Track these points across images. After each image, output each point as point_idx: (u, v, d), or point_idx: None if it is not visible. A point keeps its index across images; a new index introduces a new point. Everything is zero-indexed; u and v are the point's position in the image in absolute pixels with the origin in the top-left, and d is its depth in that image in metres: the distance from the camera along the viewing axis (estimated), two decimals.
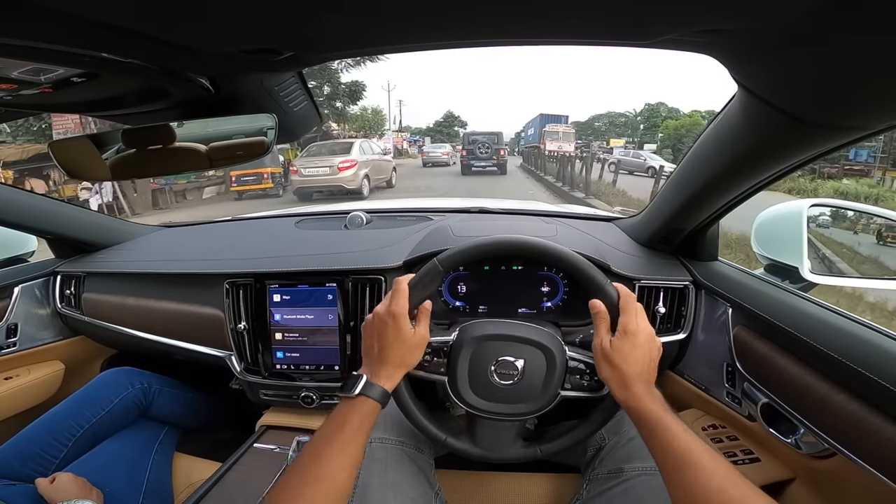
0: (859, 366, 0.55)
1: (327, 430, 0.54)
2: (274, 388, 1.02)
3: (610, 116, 57.63)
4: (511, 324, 0.69)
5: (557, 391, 0.66)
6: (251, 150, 0.56)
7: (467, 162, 14.95)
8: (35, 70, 0.39)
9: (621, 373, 0.57)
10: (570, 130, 23.51)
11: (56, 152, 0.56)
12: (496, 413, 0.66)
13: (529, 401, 0.66)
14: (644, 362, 0.58)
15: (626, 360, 0.57)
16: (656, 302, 0.91)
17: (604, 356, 0.59)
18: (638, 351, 0.58)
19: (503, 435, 0.69)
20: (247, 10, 0.32)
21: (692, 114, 39.16)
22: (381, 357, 0.59)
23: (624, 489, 0.68)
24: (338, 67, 14.84)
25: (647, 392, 0.56)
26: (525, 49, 0.40)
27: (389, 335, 0.59)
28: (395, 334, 0.59)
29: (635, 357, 0.57)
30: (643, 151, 22.17)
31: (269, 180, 10.23)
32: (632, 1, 0.31)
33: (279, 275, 0.98)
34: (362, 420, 0.55)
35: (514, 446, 0.69)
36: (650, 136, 45.46)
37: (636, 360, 0.57)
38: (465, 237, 0.89)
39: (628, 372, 0.57)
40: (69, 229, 1.18)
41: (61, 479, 0.83)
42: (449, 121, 55.17)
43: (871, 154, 18.49)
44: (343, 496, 0.52)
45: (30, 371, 1.16)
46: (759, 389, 0.72)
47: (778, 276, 0.89)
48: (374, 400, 0.56)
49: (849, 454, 0.56)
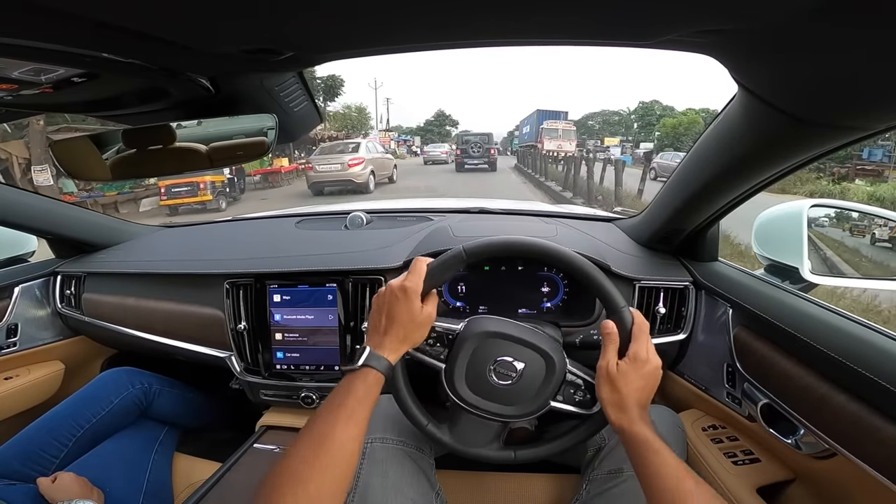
0: (859, 366, 0.55)
1: (332, 401, 0.54)
2: (274, 389, 1.02)
3: (604, 115, 57.34)
4: (518, 325, 0.69)
5: (548, 401, 0.66)
6: (251, 150, 0.56)
7: (461, 160, 16.52)
8: (35, 70, 0.39)
9: (621, 396, 0.58)
10: (570, 127, 22.06)
11: (56, 152, 0.56)
12: (485, 411, 0.66)
13: (521, 404, 0.66)
14: (645, 391, 0.59)
15: (629, 385, 0.58)
16: (656, 302, 0.91)
17: (608, 378, 0.60)
18: (643, 380, 0.59)
19: (483, 433, 0.69)
20: (247, 11, 0.32)
21: (687, 112, 38.88)
22: (387, 330, 0.59)
23: (624, 489, 0.68)
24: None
25: (640, 416, 0.57)
26: (520, 48, 0.40)
27: (398, 309, 0.59)
28: (404, 309, 0.59)
29: (639, 385, 0.59)
30: (674, 153, 19.66)
31: (208, 191, 8.79)
32: (631, 1, 0.31)
33: (279, 275, 0.98)
34: (367, 390, 0.54)
35: (489, 446, 0.69)
36: (645, 134, 45.32)
37: (639, 388, 0.59)
38: (466, 237, 0.89)
39: (629, 396, 0.58)
40: (69, 229, 1.18)
41: (63, 479, 0.84)
42: (440, 120, 54.32)
43: (886, 153, 17.02)
44: (351, 468, 0.51)
45: (30, 371, 1.16)
46: (760, 390, 0.72)
47: (778, 277, 0.89)
48: (378, 371, 0.56)
49: (849, 454, 0.56)
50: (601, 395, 0.61)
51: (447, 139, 45.46)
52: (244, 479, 0.87)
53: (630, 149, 33.61)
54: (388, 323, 0.59)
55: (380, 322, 0.60)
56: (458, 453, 0.69)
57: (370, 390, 0.55)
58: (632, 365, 0.59)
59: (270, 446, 0.97)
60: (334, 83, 16.48)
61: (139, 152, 0.57)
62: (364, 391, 0.54)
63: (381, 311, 0.61)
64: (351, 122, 26.66)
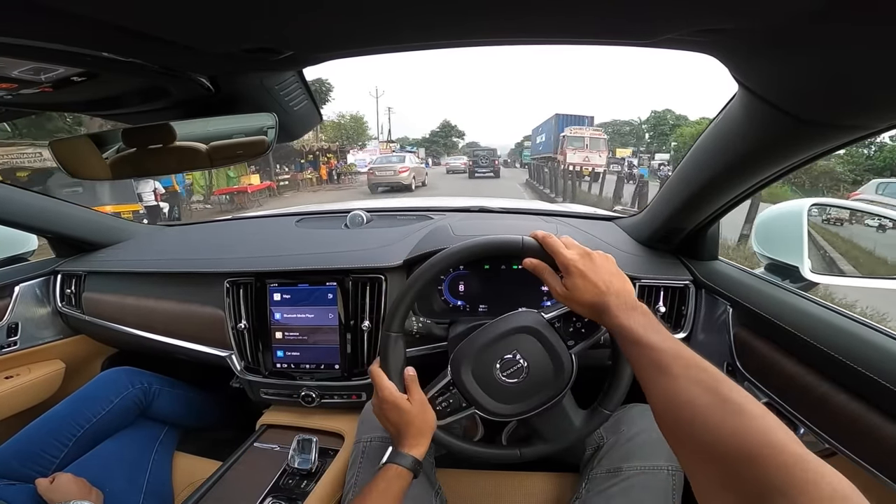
0: (859, 365, 0.55)
1: (357, 497, 0.59)
2: (274, 387, 1.03)
3: (615, 125, 55.92)
4: (488, 325, 0.69)
5: (569, 354, 0.65)
6: (251, 149, 0.56)
7: (473, 169, 22.34)
8: (35, 69, 0.39)
9: (588, 303, 0.57)
10: (600, 135, 18.21)
11: (56, 151, 0.56)
12: (533, 406, 0.66)
13: (551, 379, 0.65)
14: (602, 281, 0.57)
15: (583, 291, 0.57)
16: (656, 301, 0.91)
17: (567, 299, 0.60)
18: (588, 276, 0.58)
19: (560, 419, 0.69)
20: (247, 10, 0.32)
21: (702, 121, 37.98)
22: (399, 433, 0.64)
23: (623, 488, 0.68)
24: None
25: (619, 305, 0.54)
26: (523, 55, 0.41)
27: (393, 417, 0.63)
28: (397, 415, 0.63)
29: (588, 283, 0.57)
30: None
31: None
32: (633, 1, 0.31)
33: (279, 273, 0.99)
34: (388, 484, 0.59)
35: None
36: (658, 144, 44.60)
37: (593, 283, 0.57)
38: (465, 236, 0.88)
39: (593, 298, 0.57)
40: (69, 228, 1.18)
41: (61, 480, 0.84)
42: (445, 130, 52.98)
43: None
44: None
45: (30, 370, 1.16)
46: (760, 389, 0.72)
47: (778, 276, 0.89)
48: (401, 466, 0.60)
49: (849, 454, 0.56)
50: (578, 312, 0.61)
51: (452, 150, 46.40)
52: (244, 477, 0.87)
53: (647, 160, 32.76)
54: (395, 429, 0.64)
55: (391, 430, 0.65)
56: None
57: (391, 484, 0.59)
58: (568, 274, 0.59)
59: (271, 445, 0.97)
60: (321, 88, 15.95)
61: (139, 151, 0.57)
62: (384, 486, 0.58)
63: (387, 423, 0.65)
64: (346, 131, 26.01)
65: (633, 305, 0.54)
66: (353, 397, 1.00)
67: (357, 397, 0.99)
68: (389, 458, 0.61)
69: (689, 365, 0.45)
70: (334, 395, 1.00)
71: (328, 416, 1.02)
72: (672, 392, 0.43)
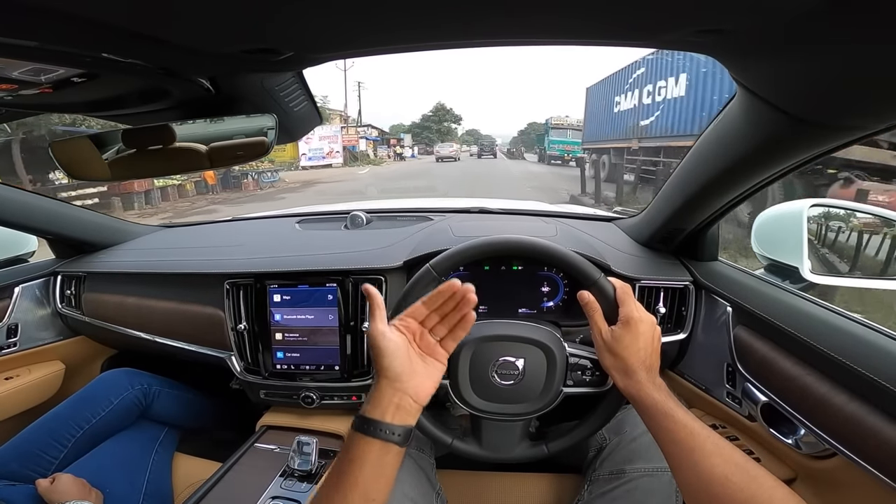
0: (859, 366, 0.55)
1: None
2: (274, 389, 1.02)
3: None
4: (509, 324, 0.69)
5: (560, 389, 0.66)
6: (251, 150, 0.56)
7: (480, 153, 32.90)
8: (35, 70, 0.39)
9: (624, 362, 0.57)
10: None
11: (56, 152, 0.56)
12: (498, 414, 0.66)
13: (532, 400, 0.66)
14: (647, 351, 0.58)
15: (627, 348, 0.58)
16: (657, 302, 0.91)
17: (606, 346, 0.59)
18: (640, 340, 0.58)
19: (508, 435, 0.69)
20: (247, 10, 0.32)
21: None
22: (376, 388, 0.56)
23: (626, 490, 0.68)
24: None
25: (649, 380, 0.56)
26: (521, 48, 0.41)
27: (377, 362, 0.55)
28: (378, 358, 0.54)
29: (637, 346, 0.58)
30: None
31: None
32: (632, 1, 0.31)
33: (279, 275, 0.98)
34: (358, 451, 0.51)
35: (520, 446, 0.69)
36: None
37: (638, 349, 0.58)
38: (466, 237, 0.89)
39: (630, 360, 0.57)
40: (69, 229, 1.18)
41: (61, 480, 0.83)
42: (440, 115, 43.22)
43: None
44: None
45: (30, 371, 1.16)
46: (760, 389, 0.72)
47: (778, 276, 0.89)
48: (355, 431, 0.53)
49: (849, 454, 0.55)
50: (605, 364, 0.60)
51: (447, 137, 40.53)
52: (245, 478, 0.87)
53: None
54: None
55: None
56: (493, 461, 0.70)
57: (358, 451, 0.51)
58: (625, 328, 0.59)
59: (271, 446, 0.96)
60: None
61: (139, 152, 0.57)
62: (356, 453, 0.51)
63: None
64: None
65: (660, 383, 0.57)
66: (353, 398, 1.00)
67: (357, 398, 0.99)
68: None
69: (718, 444, 0.49)
70: (334, 397, 1.00)
71: (328, 418, 1.01)
72: (707, 469, 0.47)
